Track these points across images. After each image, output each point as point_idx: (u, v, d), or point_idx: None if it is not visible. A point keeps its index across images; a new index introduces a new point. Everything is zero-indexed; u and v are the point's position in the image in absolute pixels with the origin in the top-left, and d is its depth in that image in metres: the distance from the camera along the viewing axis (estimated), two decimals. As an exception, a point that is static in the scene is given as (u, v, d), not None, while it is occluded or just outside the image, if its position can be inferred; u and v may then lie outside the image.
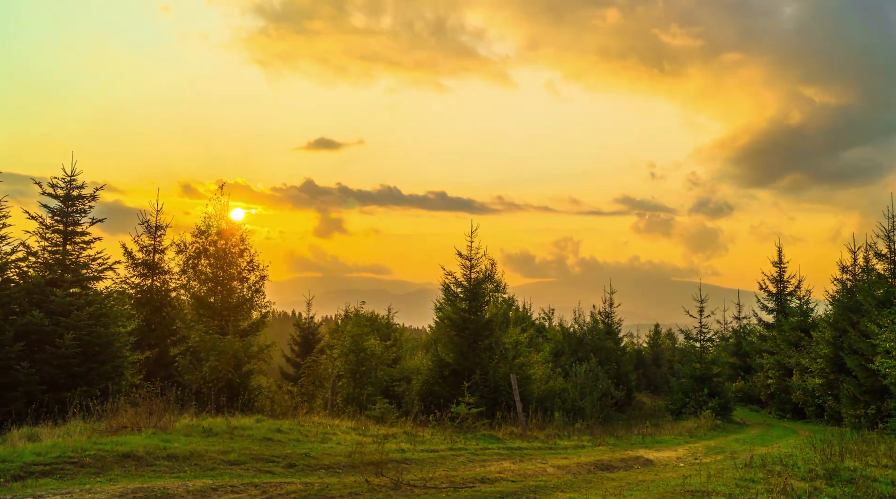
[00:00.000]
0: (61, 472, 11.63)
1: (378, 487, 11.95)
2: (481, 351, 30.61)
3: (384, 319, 41.76)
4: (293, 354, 44.61)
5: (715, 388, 39.42)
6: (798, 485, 11.57)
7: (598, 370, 38.40)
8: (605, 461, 18.58)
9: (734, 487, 11.60)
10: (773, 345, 47.25)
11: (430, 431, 22.39)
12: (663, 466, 18.72)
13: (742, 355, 54.41)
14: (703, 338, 42.05)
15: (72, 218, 24.05)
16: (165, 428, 16.01)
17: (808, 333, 43.02)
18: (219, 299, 31.23)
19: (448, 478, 13.57)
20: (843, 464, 13.48)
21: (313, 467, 14.33)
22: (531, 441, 22.62)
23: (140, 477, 11.79)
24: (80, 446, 12.94)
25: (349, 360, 29.46)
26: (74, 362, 21.55)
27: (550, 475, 15.47)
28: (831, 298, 39.80)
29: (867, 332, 30.43)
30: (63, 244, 23.89)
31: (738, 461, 16.36)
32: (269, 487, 11.26)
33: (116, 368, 23.12)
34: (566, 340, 47.16)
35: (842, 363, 34.34)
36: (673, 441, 26.75)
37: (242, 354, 26.95)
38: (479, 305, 31.88)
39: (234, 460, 13.78)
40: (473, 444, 20.20)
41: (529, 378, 31.59)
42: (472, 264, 31.89)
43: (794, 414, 42.98)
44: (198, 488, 10.81)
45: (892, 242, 33.63)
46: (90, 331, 22.20)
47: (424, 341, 45.72)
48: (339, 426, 20.57)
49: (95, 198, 24.51)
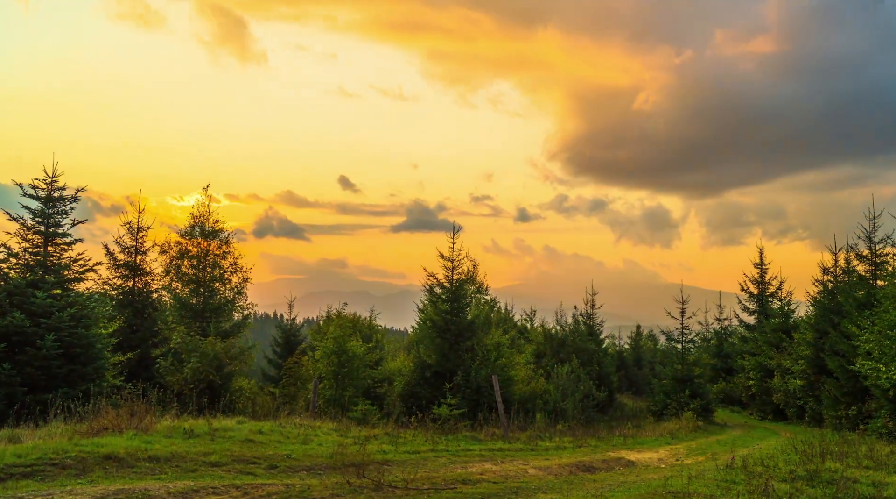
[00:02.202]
0: (42, 473, 11.60)
1: (360, 488, 11.95)
2: (463, 352, 30.60)
3: (366, 321, 41.75)
4: (275, 355, 44.45)
5: (696, 389, 39.47)
6: (779, 486, 11.63)
7: (579, 372, 38.42)
8: (587, 463, 18.62)
9: (715, 488, 11.64)
10: (754, 346, 47.35)
11: (412, 432, 22.39)
12: (645, 467, 18.77)
13: (723, 357, 54.53)
14: (684, 339, 42.09)
15: (53, 219, 23.95)
16: (147, 430, 15.97)
17: (789, 334, 43.13)
18: (200, 301, 31.20)
19: (430, 479, 13.59)
20: (824, 465, 13.56)
21: (295, 468, 14.32)
22: (513, 442, 22.63)
23: (121, 478, 11.76)
24: (62, 448, 12.89)
25: (331, 361, 29.41)
26: (56, 364, 21.48)
27: (532, 477, 15.50)
28: (812, 299, 39.92)
29: (848, 333, 30.53)
30: (44, 246, 23.79)
31: (719, 463, 16.41)
32: (250, 488, 11.26)
33: (98, 370, 23.06)
34: (548, 341, 47.12)
35: (823, 365, 34.44)
36: (654, 442, 26.80)
37: (224, 355, 26.91)
38: (462, 307, 31.86)
39: (216, 462, 13.76)
40: (455, 445, 20.21)
41: (511, 380, 31.58)
42: (454, 266, 31.87)
43: (775, 415, 43.12)
44: (179, 489, 10.80)
45: (873, 244, 33.79)
46: (71, 332, 22.12)
47: (406, 343, 45.68)
48: (321, 428, 20.56)
49: (77, 199, 24.41)
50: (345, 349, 29.45)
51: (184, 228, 33.38)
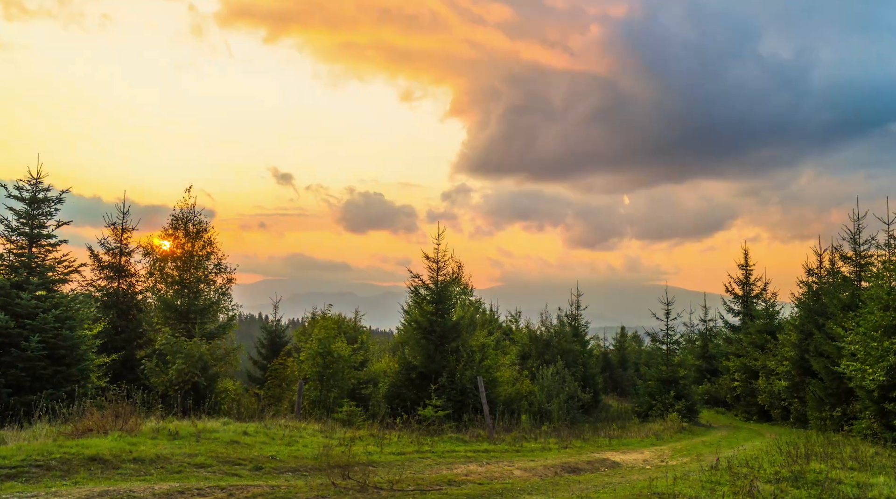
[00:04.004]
0: (27, 475, 11.56)
1: (345, 489, 11.95)
2: (448, 354, 30.58)
3: (351, 322, 41.72)
4: (260, 356, 44.38)
5: (681, 390, 39.57)
6: (764, 487, 11.66)
7: (564, 373, 38.45)
8: (572, 464, 18.64)
9: (700, 489, 11.68)
10: (738, 347, 47.43)
11: (397, 433, 22.40)
12: (630, 468, 18.80)
13: (708, 358, 54.65)
14: (669, 340, 42.17)
15: (38, 221, 23.87)
16: (132, 431, 15.94)
17: (773, 335, 43.23)
18: (185, 302, 31.14)
19: (415, 480, 13.60)
20: (808, 466, 13.60)
21: (280, 469, 14.31)
22: (498, 444, 22.65)
23: (106, 480, 11.74)
24: (46, 449, 12.87)
25: (316, 363, 29.41)
26: (40, 365, 21.41)
27: (517, 478, 15.52)
28: (797, 300, 39.99)
29: (833, 334, 30.63)
30: (29, 247, 23.71)
31: (704, 464, 16.47)
32: (235, 489, 11.24)
33: (82, 371, 23.00)
34: (533, 342, 47.15)
35: (807, 366, 34.53)
36: (639, 443, 26.84)
37: (209, 356, 26.88)
38: (446, 308, 31.83)
39: (201, 463, 13.75)
40: (440, 446, 20.22)
41: (496, 381, 31.60)
42: (439, 267, 31.84)
43: (760, 416, 43.24)
44: (164, 490, 10.78)
45: (857, 245, 33.90)
46: (56, 334, 22.06)
47: (391, 344, 45.68)
48: (306, 429, 20.58)
49: (62, 200, 24.33)
50: (330, 351, 29.44)
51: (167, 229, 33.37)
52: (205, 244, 33.50)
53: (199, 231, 33.40)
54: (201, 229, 33.51)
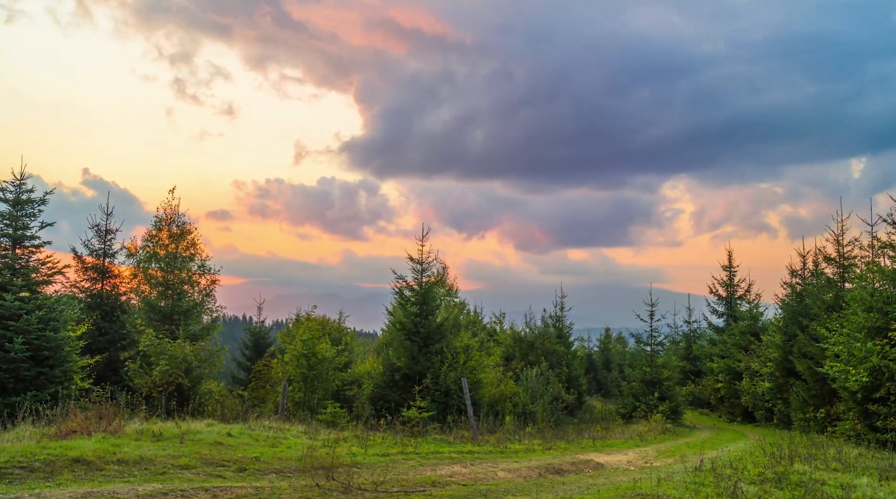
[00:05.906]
0: (10, 476, 11.53)
1: (329, 491, 11.96)
2: (432, 355, 30.60)
3: (335, 324, 41.70)
4: (244, 358, 44.25)
5: (665, 392, 39.68)
6: (748, 489, 11.72)
7: (548, 374, 38.52)
8: (556, 465, 18.66)
9: (684, 490, 11.72)
10: (722, 349, 47.63)
11: (382, 435, 22.40)
12: (614, 469, 18.83)
13: (692, 359, 54.87)
14: (653, 342, 42.27)
15: (21, 222, 23.78)
16: (115, 433, 15.90)
17: (757, 336, 43.43)
18: (169, 303, 31.08)
19: (399, 482, 13.61)
20: (792, 468, 13.67)
21: (264, 471, 14.29)
22: (482, 445, 22.65)
23: (90, 481, 11.71)
24: (30, 451, 12.83)
25: (300, 364, 29.36)
26: (24, 367, 21.33)
27: (501, 479, 15.54)
28: (781, 301, 40.16)
29: (816, 336, 30.72)
30: (12, 248, 23.62)
31: (688, 465, 16.52)
32: (219, 491, 11.24)
33: (66, 373, 22.91)
34: (517, 344, 47.17)
35: (791, 367, 34.63)
36: (623, 445, 26.87)
37: (193, 358, 26.81)
38: (431, 310, 31.85)
39: (185, 465, 13.72)
40: (425, 448, 20.21)
41: (480, 382, 31.61)
42: (424, 269, 31.87)
43: (744, 417, 43.41)
44: (147, 492, 10.77)
45: (840, 246, 34.02)
46: (39, 335, 21.97)
47: (376, 346, 45.67)
48: (290, 431, 20.55)
49: (46, 201, 24.25)
50: (314, 352, 29.40)
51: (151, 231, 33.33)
52: (188, 245, 33.46)
53: (183, 232, 33.36)
54: (185, 231, 33.48)
